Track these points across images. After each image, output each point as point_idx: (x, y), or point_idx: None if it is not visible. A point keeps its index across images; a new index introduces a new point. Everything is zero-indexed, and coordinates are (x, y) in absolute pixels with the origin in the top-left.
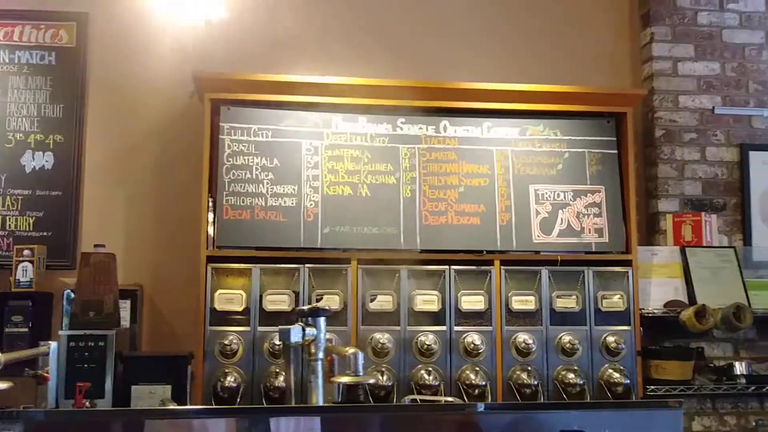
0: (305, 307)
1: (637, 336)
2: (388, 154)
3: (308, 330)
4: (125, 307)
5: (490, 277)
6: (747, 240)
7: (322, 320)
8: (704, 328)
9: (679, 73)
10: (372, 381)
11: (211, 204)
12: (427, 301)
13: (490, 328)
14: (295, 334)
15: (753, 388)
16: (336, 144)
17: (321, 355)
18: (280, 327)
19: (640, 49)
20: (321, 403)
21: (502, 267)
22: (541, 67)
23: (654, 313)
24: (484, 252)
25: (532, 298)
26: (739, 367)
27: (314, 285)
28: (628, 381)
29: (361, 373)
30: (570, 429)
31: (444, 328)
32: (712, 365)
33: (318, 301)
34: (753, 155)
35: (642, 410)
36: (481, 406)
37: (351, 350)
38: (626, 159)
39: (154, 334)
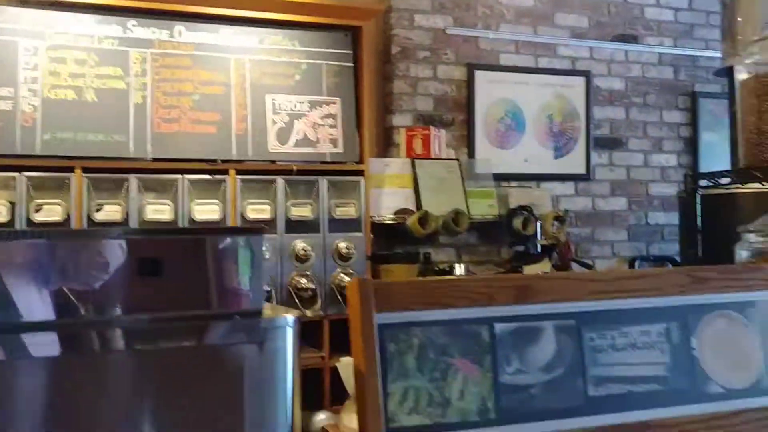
0: None
1: (368, 242)
2: (118, 58)
3: None
4: None
5: (225, 187)
6: (471, 153)
7: None
8: (426, 232)
9: None
10: None
11: None
12: (158, 210)
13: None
14: None
15: None
16: (59, 45)
17: None
18: None
19: None
20: None
21: (238, 176)
22: None
23: (384, 220)
24: (219, 161)
25: (267, 207)
26: (459, 269)
27: (33, 195)
28: None
29: None
30: None
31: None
32: (437, 268)
33: (37, 212)
34: (479, 74)
35: None
36: None
37: None
38: (362, 72)
39: None
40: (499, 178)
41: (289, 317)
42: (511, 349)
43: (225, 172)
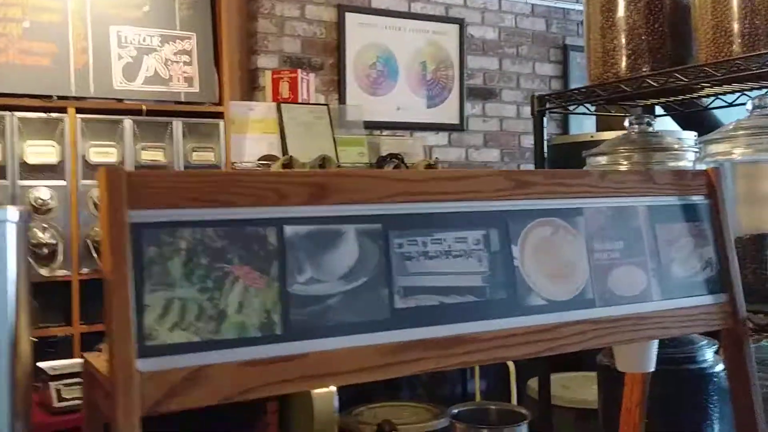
0: None
1: None
2: None
3: None
4: None
5: (63, 127)
6: (342, 99)
7: None
8: None
9: None
10: None
11: None
12: None
13: (63, 183)
14: None
15: None
16: None
17: None
18: None
19: None
20: None
21: (78, 115)
22: None
23: (247, 166)
24: (55, 97)
25: (113, 150)
26: None
27: None
28: None
29: None
30: None
31: (6, 182)
32: None
33: None
34: (349, 17)
35: None
36: None
37: None
38: (219, 6)
39: None
40: (371, 126)
41: (10, 209)
42: (303, 256)
43: (63, 110)
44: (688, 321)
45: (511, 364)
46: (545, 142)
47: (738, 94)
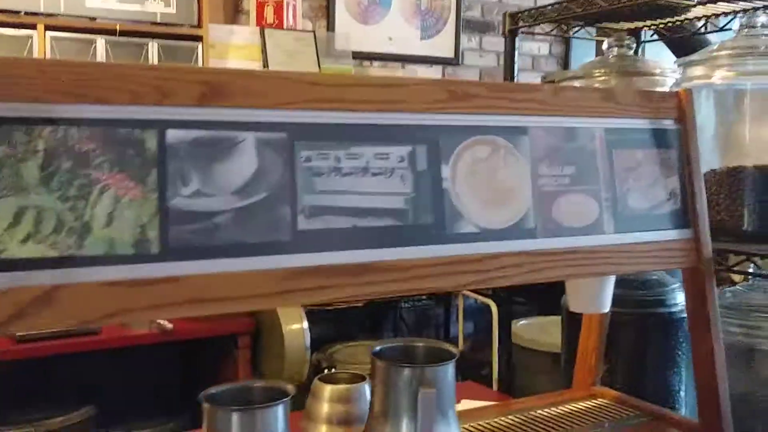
0: None
1: None
2: None
3: None
4: None
5: (32, 44)
6: (331, 27)
7: None
8: None
9: None
10: None
11: None
12: None
13: None
14: None
15: None
16: None
17: None
18: None
19: None
20: None
21: (48, 32)
22: None
23: None
24: (23, 13)
25: None
26: None
27: None
28: None
29: None
30: None
31: None
32: None
33: None
34: None
35: None
36: None
37: None
38: None
39: None
40: (361, 56)
41: None
42: (189, 166)
43: (32, 26)
44: (645, 257)
45: (493, 306)
46: (516, 69)
47: (731, 17)
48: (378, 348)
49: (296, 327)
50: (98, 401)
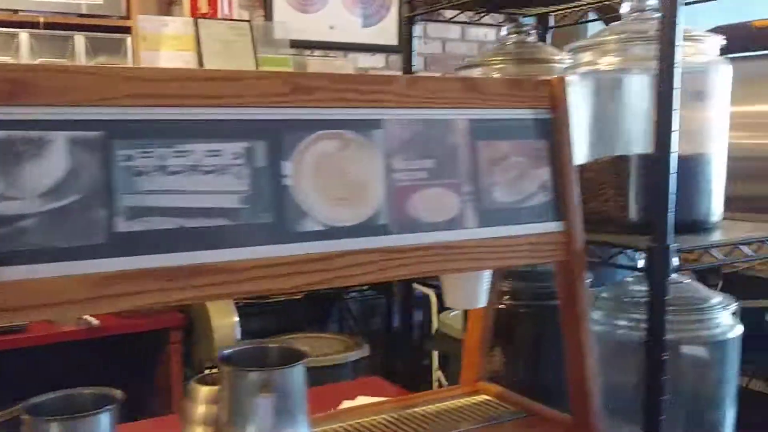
0: None
1: None
2: None
3: None
4: None
5: None
6: (269, 16)
7: None
8: None
9: None
10: None
11: None
12: None
13: None
14: None
15: None
16: None
17: None
18: None
19: None
20: None
21: None
22: None
23: None
24: None
25: None
26: None
27: None
28: None
29: None
30: None
31: None
32: None
33: None
34: None
35: None
36: None
37: None
38: None
39: None
40: (301, 45)
41: None
42: None
43: None
44: (511, 252)
45: (433, 296)
46: (414, 56)
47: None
48: (228, 351)
49: (226, 321)
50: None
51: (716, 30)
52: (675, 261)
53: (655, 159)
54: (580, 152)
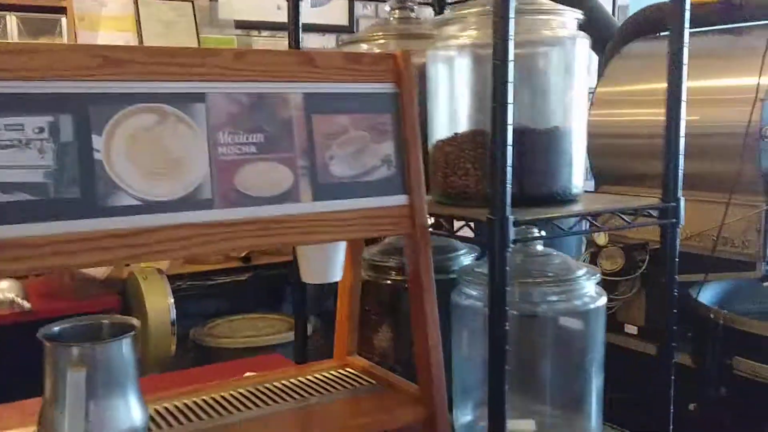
0: None
1: None
2: None
3: None
4: None
5: None
6: None
7: None
8: None
9: None
10: None
11: None
12: None
13: None
14: None
15: None
16: None
17: None
18: None
19: None
20: None
21: None
22: None
23: None
24: None
25: None
26: None
27: None
28: None
29: None
30: None
31: None
32: None
33: None
34: None
35: None
36: None
37: None
38: None
39: None
40: (247, 26)
41: None
42: None
43: None
44: (350, 225)
45: None
46: (299, 32)
47: None
48: (57, 328)
49: (161, 303)
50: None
51: (658, 7)
52: (513, 233)
53: (492, 132)
54: (442, 127)
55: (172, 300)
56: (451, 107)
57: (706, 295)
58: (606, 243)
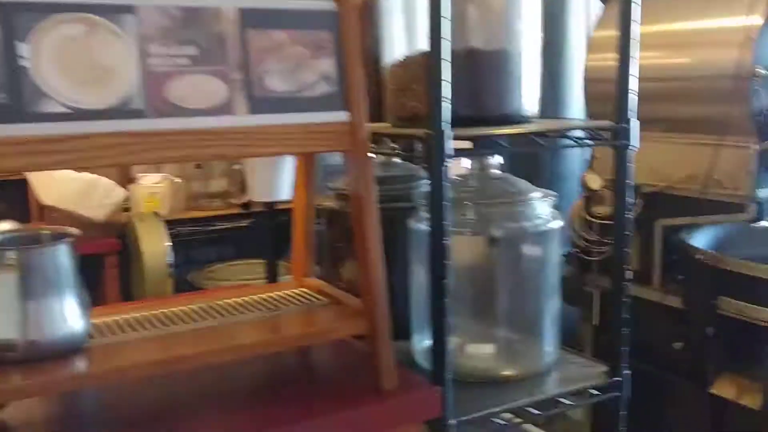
0: None
1: None
2: None
3: None
4: None
5: None
6: None
7: None
8: None
9: None
10: None
11: None
12: None
13: None
14: None
15: None
16: None
17: None
18: None
19: None
20: None
21: None
22: None
23: None
24: None
25: None
26: None
27: None
28: None
29: None
30: None
31: None
32: None
33: None
34: None
35: None
36: None
37: None
38: None
39: None
40: None
41: None
42: None
43: None
44: (285, 139)
45: None
46: None
47: None
48: (5, 236)
49: (157, 245)
50: None
51: None
52: (449, 148)
53: (430, 47)
54: (396, 49)
55: (170, 243)
56: (404, 30)
57: (700, 240)
58: (600, 187)
